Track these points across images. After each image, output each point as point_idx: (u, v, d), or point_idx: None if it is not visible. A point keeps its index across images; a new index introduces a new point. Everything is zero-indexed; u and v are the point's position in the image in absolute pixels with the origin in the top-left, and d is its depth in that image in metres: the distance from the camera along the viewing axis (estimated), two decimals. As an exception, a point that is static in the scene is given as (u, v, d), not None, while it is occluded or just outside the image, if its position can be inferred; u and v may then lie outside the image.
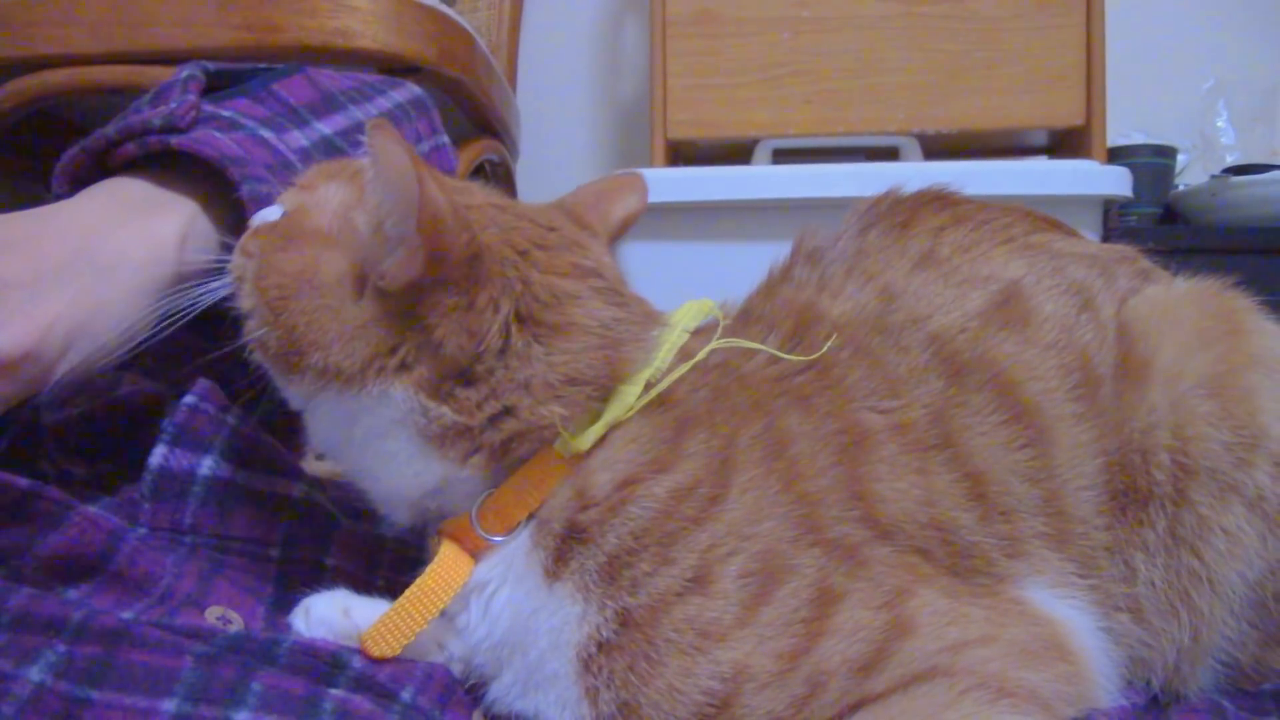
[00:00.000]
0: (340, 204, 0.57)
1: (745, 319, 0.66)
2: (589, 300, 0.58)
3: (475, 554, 0.56)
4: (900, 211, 0.70)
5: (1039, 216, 0.72)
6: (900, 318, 0.63)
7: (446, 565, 0.56)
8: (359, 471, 0.58)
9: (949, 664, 0.50)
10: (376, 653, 0.54)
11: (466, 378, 0.54)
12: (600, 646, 0.52)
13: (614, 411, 0.56)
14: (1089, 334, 0.62)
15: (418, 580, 0.55)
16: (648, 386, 0.57)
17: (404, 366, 0.54)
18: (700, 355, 0.60)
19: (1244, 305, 0.65)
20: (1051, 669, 0.53)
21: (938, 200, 0.71)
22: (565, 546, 0.54)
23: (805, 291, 0.66)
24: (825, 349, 0.60)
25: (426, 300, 0.53)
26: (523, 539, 0.55)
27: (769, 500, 0.54)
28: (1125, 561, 0.59)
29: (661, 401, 0.57)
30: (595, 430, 0.55)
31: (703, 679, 0.50)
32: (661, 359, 0.58)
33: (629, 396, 0.56)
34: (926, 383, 0.60)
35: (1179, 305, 0.64)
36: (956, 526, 0.57)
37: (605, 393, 0.56)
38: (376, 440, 0.56)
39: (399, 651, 0.54)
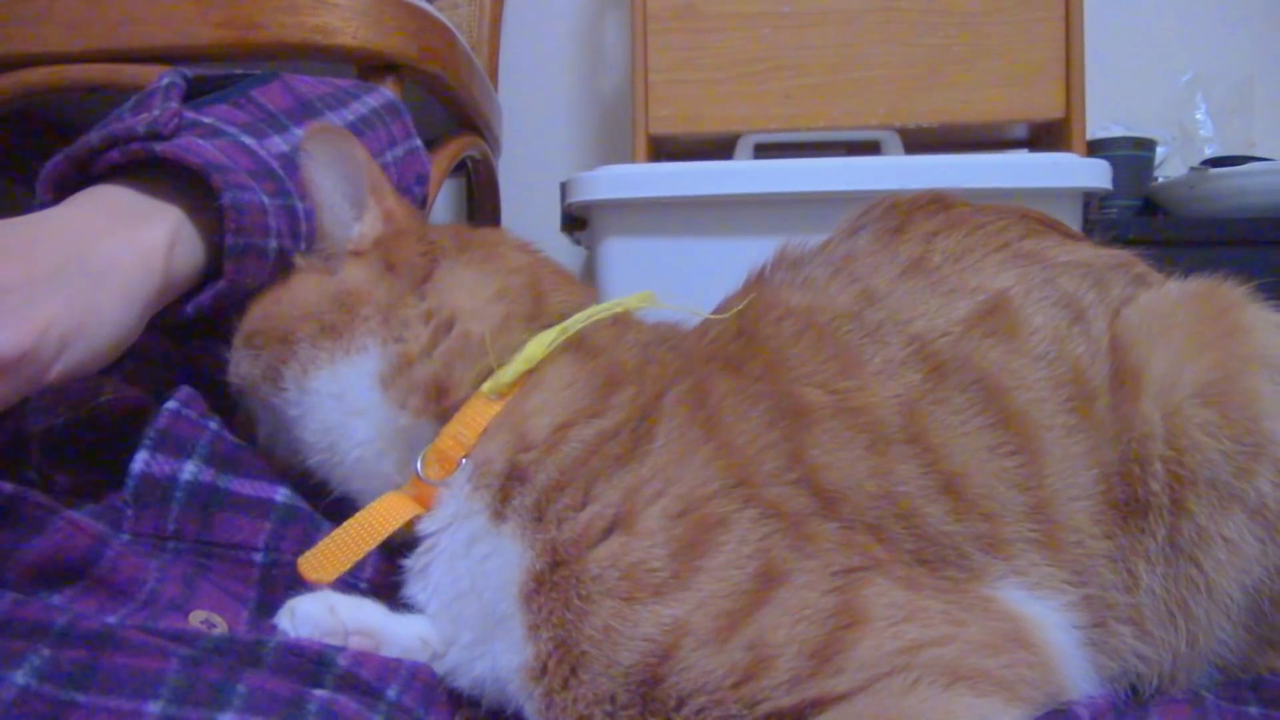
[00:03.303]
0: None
1: (714, 311, 0.68)
2: (518, 249, 0.71)
3: (426, 504, 0.60)
4: (894, 216, 0.70)
5: (1037, 218, 0.71)
6: (880, 316, 0.63)
7: (388, 502, 0.61)
8: (344, 461, 0.64)
9: (908, 664, 0.50)
10: (311, 575, 0.58)
11: (419, 293, 0.65)
12: (538, 581, 0.54)
13: (533, 349, 0.62)
14: (1081, 346, 0.62)
15: (359, 513, 0.60)
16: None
17: (375, 309, 0.64)
18: (618, 308, 0.67)
19: (1240, 299, 0.64)
20: (1011, 655, 0.53)
21: (934, 204, 0.71)
22: (508, 487, 0.58)
23: (778, 290, 0.67)
24: (740, 308, 0.65)
25: (388, 251, 0.66)
26: (462, 481, 0.59)
27: (690, 445, 0.57)
28: (1129, 570, 0.59)
29: (591, 353, 0.63)
30: (517, 365, 0.61)
31: (644, 625, 0.51)
32: (588, 315, 0.65)
33: (548, 337, 0.63)
34: (902, 375, 0.60)
35: (1171, 311, 0.63)
36: (920, 512, 0.57)
37: (530, 325, 0.64)
38: (353, 416, 0.63)
39: (333, 578, 0.58)
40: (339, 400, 0.63)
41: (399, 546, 0.62)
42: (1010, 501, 0.58)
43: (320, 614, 0.57)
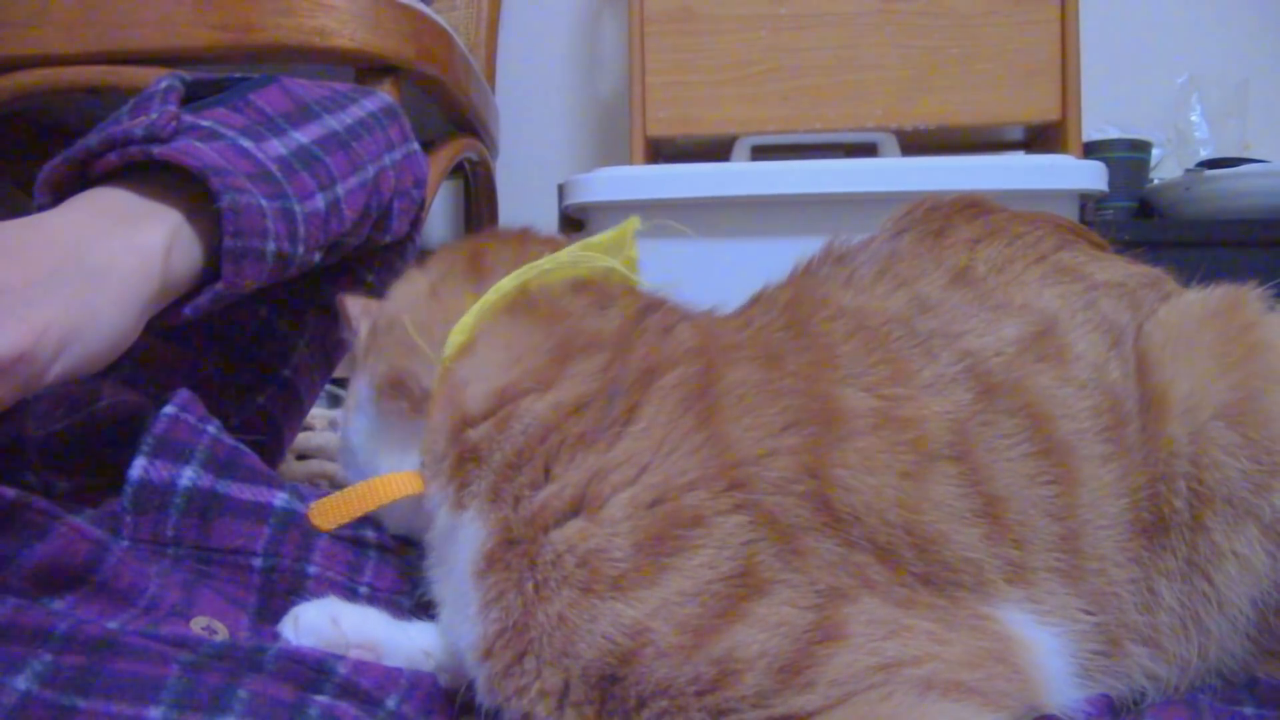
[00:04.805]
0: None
1: (754, 301, 0.66)
2: (461, 241, 0.73)
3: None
4: (934, 219, 0.70)
5: (1065, 226, 0.71)
6: (933, 326, 0.62)
7: (399, 475, 0.62)
8: (369, 445, 0.69)
9: (882, 683, 0.48)
10: (317, 522, 0.62)
11: (373, 328, 0.70)
12: (489, 560, 0.52)
13: (466, 317, 0.61)
14: (1117, 371, 0.61)
15: (373, 478, 0.63)
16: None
17: (356, 365, 0.70)
18: (543, 263, 0.64)
19: (1260, 316, 0.63)
20: (989, 670, 0.51)
21: (971, 209, 0.71)
22: (460, 473, 0.56)
23: (826, 285, 0.66)
24: (789, 299, 0.63)
25: (370, 334, 0.71)
26: (414, 459, 0.60)
27: (678, 432, 0.53)
28: (1149, 589, 0.58)
29: (539, 315, 0.60)
30: (454, 337, 0.60)
31: (602, 622, 0.48)
32: (540, 266, 0.63)
33: (482, 300, 0.61)
34: (952, 393, 0.58)
35: (1195, 330, 0.62)
36: (946, 539, 0.54)
37: (472, 291, 0.63)
38: (373, 439, 0.67)
39: (334, 527, 0.62)
40: (367, 431, 0.69)
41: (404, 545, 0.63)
42: (1042, 531, 0.56)
43: (323, 625, 0.57)
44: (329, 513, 0.62)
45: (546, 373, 0.56)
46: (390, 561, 0.66)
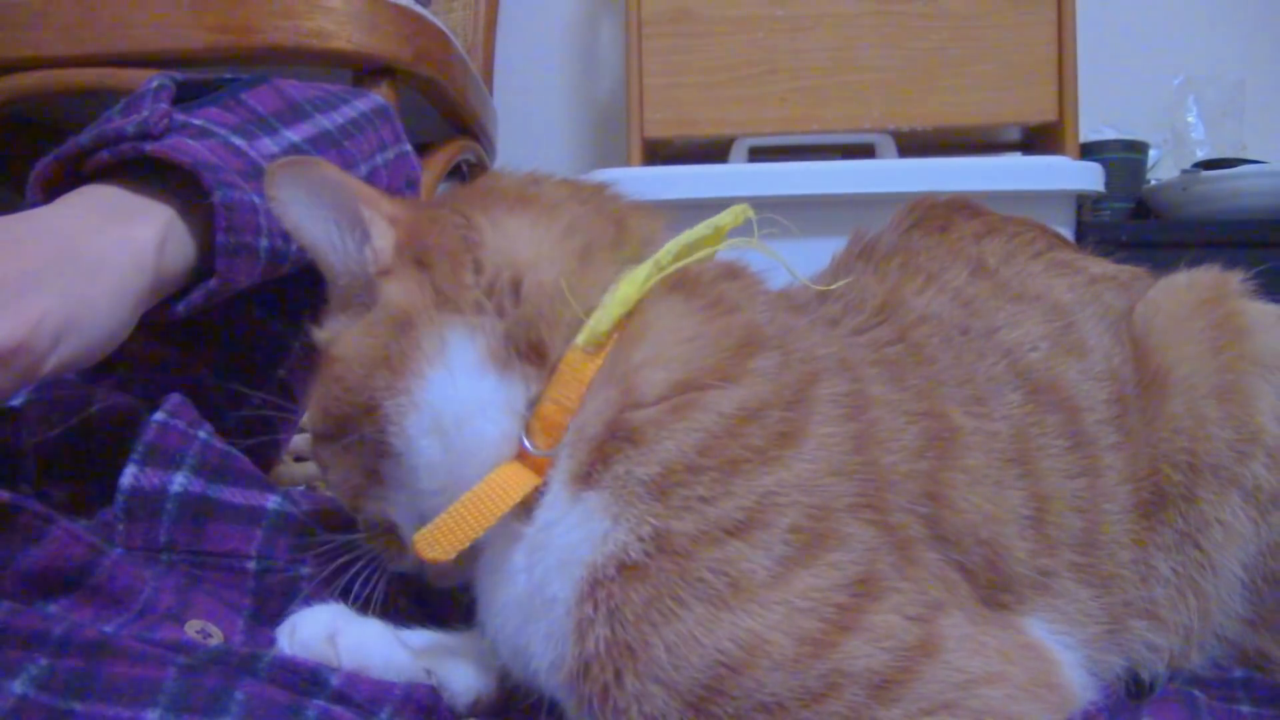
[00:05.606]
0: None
1: (844, 303, 0.65)
2: (555, 182, 0.64)
3: (541, 474, 0.53)
4: (937, 215, 0.72)
5: (1048, 230, 0.75)
6: (979, 324, 0.64)
7: (504, 474, 0.53)
8: (479, 473, 0.54)
9: (957, 701, 0.49)
10: (427, 555, 0.52)
11: (472, 267, 0.56)
12: (621, 569, 0.49)
13: (626, 289, 0.54)
14: (1118, 358, 0.64)
15: (474, 488, 0.53)
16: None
17: (432, 308, 0.55)
18: (710, 230, 0.58)
19: (1244, 305, 0.67)
20: (1043, 701, 0.53)
21: (965, 209, 0.73)
22: (604, 450, 0.51)
23: (882, 281, 0.67)
24: (841, 284, 0.63)
25: (413, 251, 0.57)
26: (564, 453, 0.52)
27: (839, 455, 0.52)
28: (1148, 564, 0.61)
29: (711, 302, 0.56)
30: (612, 310, 0.53)
31: (723, 639, 0.47)
32: (681, 245, 0.57)
33: (640, 273, 0.55)
34: (1004, 395, 0.60)
35: (1187, 316, 0.66)
36: (1009, 553, 0.56)
37: (617, 256, 0.57)
38: (475, 419, 0.54)
39: (451, 556, 0.52)
40: (452, 412, 0.54)
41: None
42: (1070, 528, 0.58)
43: (318, 644, 0.56)
44: (441, 540, 0.52)
45: (732, 367, 0.53)
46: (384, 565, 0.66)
